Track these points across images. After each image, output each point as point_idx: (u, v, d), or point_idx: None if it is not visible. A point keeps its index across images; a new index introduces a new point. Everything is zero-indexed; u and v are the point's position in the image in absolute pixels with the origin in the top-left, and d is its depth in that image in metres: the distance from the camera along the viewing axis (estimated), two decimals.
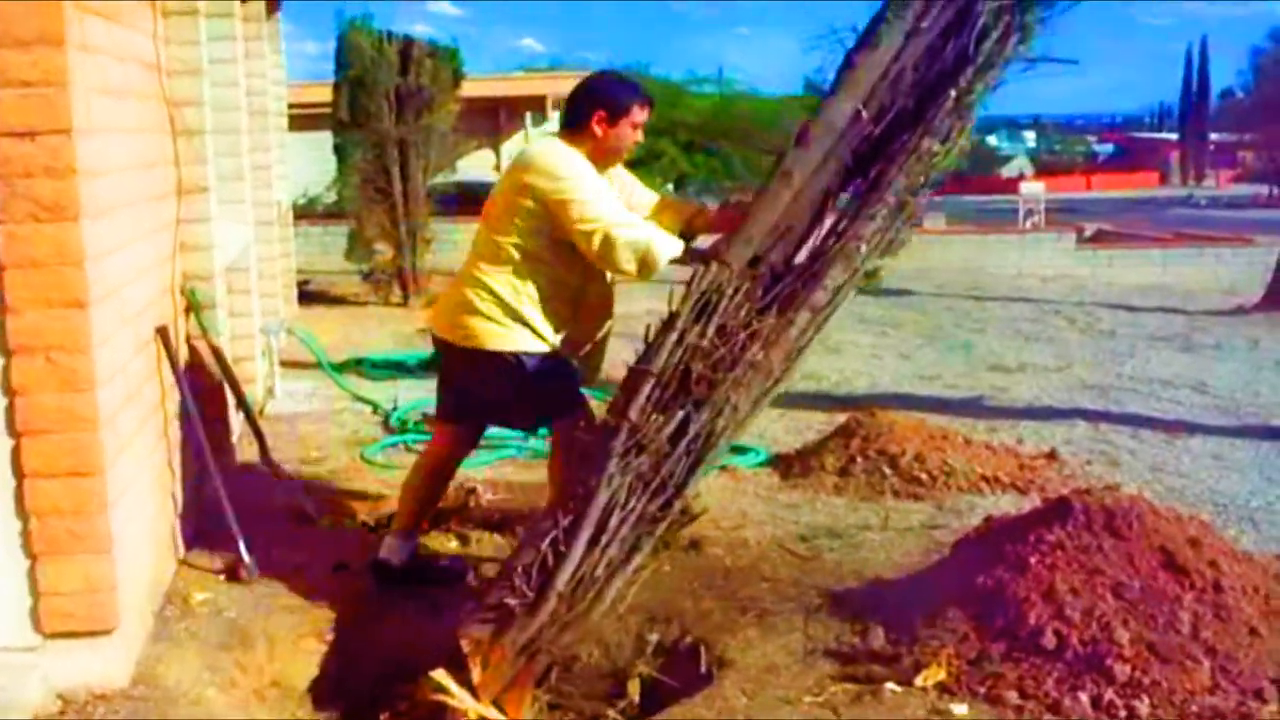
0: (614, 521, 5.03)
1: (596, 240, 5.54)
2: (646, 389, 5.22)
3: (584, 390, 6.15)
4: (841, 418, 8.72)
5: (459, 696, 5.04)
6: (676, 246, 5.72)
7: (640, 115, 5.86)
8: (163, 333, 6.00)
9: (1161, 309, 16.32)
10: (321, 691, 5.52)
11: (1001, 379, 11.12)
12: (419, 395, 9.82)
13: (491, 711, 5.06)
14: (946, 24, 5.47)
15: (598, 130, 5.79)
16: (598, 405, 6.01)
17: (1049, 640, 5.01)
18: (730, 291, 5.29)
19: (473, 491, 7.40)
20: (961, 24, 5.45)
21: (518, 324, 5.79)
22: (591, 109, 5.80)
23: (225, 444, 7.20)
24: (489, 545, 6.86)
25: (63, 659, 4.78)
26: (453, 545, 6.88)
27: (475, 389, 6.08)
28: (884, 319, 14.72)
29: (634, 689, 5.16)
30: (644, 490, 5.10)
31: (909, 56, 5.48)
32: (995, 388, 10.70)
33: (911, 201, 5.36)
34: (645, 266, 5.63)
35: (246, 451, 7.68)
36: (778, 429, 9.15)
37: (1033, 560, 5.31)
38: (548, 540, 5.06)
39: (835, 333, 13.34)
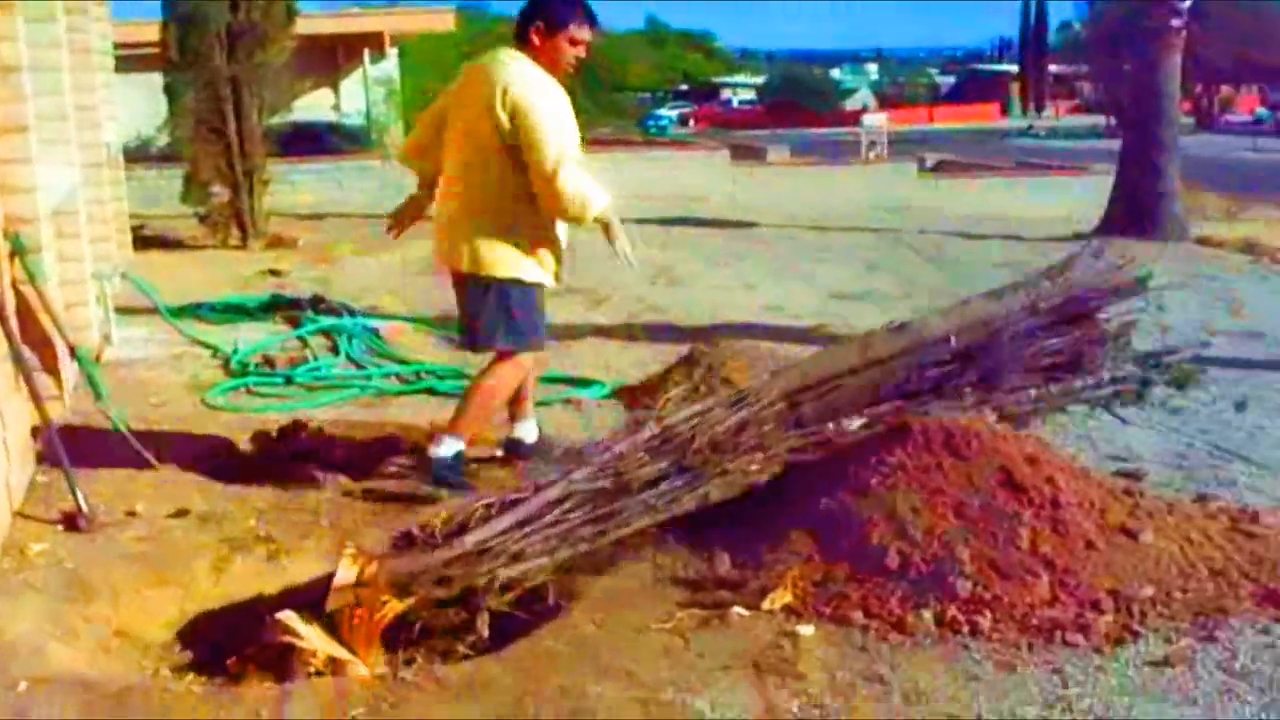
0: (548, 518, 5.21)
1: (550, 171, 6.06)
2: (649, 432, 5.51)
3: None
4: (686, 348, 8.76)
5: (307, 637, 5.00)
6: (604, 200, 6.17)
7: (580, 32, 6.19)
8: None
9: (1002, 236, 16.58)
10: (169, 640, 5.45)
11: (846, 307, 11.23)
12: (260, 338, 9.69)
13: (340, 650, 5.02)
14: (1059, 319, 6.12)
15: (535, 40, 6.14)
16: None
17: (892, 560, 5.08)
18: (767, 402, 5.67)
19: (318, 432, 7.29)
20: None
21: (526, 254, 6.38)
22: (530, 20, 6.17)
23: (59, 392, 7.03)
24: (330, 486, 6.78)
25: None
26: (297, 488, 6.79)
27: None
28: (729, 251, 14.77)
29: (482, 623, 5.13)
30: (591, 509, 5.30)
31: (1015, 325, 6.01)
32: (839, 316, 10.80)
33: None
34: (578, 215, 6.19)
35: (82, 400, 7.51)
36: (623, 362, 9.17)
37: (874, 482, 5.37)
38: (484, 501, 5.29)
39: (681, 265, 13.41)
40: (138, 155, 19.26)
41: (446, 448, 6.44)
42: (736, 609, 5.00)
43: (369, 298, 11.53)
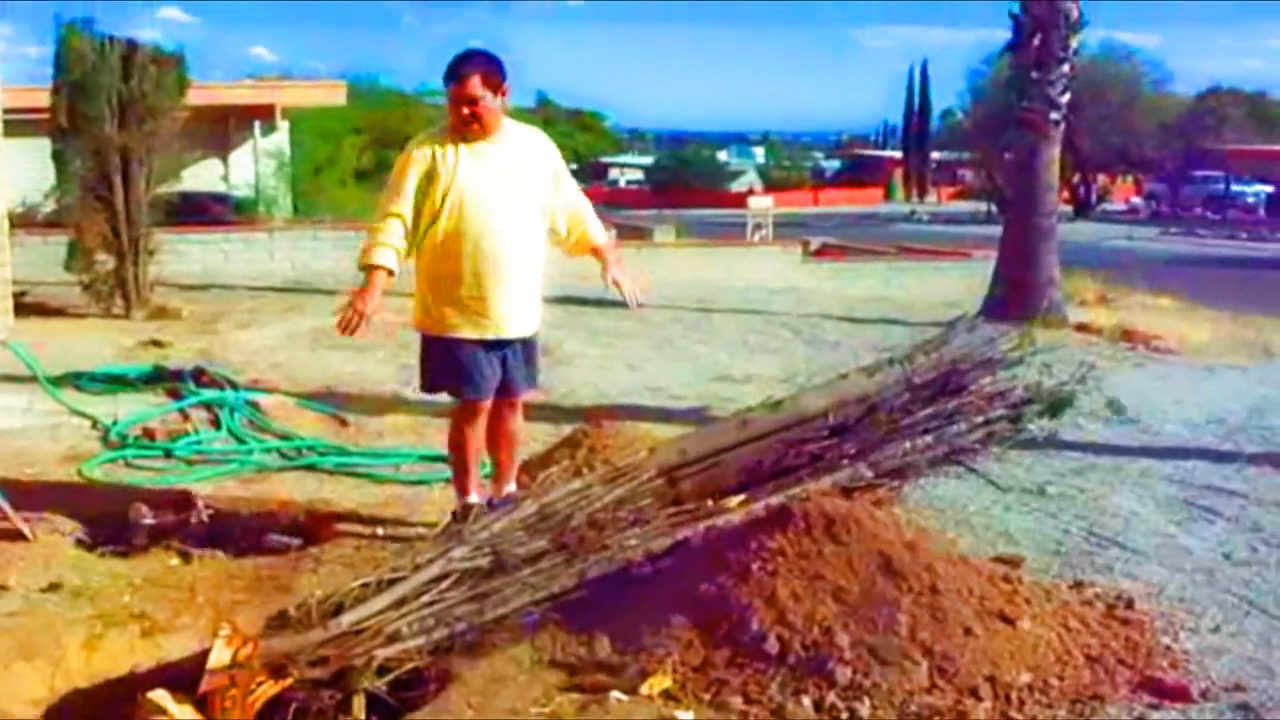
0: (426, 598, 5.22)
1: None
2: (527, 510, 5.60)
3: None
4: (568, 429, 8.76)
5: (179, 717, 4.94)
6: (369, 258, 6.44)
7: (452, 92, 6.32)
8: None
9: (884, 320, 16.79)
10: (37, 717, 5.35)
11: (728, 389, 11.28)
12: (140, 409, 9.57)
13: None
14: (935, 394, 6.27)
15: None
16: None
17: (772, 645, 5.10)
18: (645, 479, 5.78)
19: (194, 507, 7.22)
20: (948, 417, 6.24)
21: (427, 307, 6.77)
22: None
23: None
24: (209, 563, 6.71)
25: None
26: (173, 562, 6.71)
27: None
28: (612, 330, 14.81)
29: (359, 706, 5.09)
30: (470, 588, 5.32)
31: (891, 399, 6.16)
32: (721, 398, 10.84)
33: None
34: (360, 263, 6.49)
35: None
36: None
37: (754, 567, 5.40)
38: (361, 581, 5.32)
39: (564, 344, 13.43)
40: (23, 220, 19.00)
41: None
42: (615, 693, 5.00)
43: (251, 371, 11.45)
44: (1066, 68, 17.83)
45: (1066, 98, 17.92)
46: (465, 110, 6.28)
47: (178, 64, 16.42)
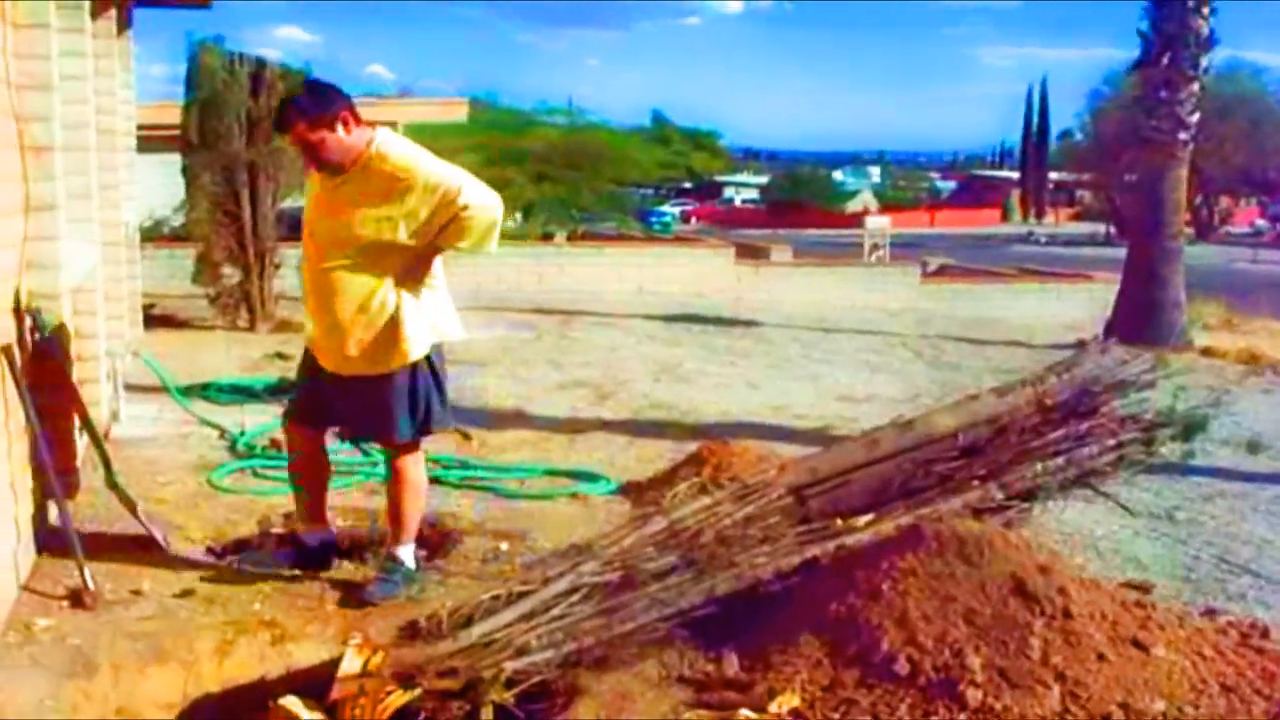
0: (555, 611, 5.26)
1: None
2: (656, 526, 5.61)
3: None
4: (691, 446, 8.77)
5: None
6: None
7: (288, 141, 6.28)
8: (7, 352, 5.86)
9: (1005, 342, 16.64)
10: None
11: (849, 409, 11.25)
12: (266, 420, 9.68)
13: None
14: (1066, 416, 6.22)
15: None
16: None
17: (902, 666, 5.05)
18: (774, 496, 5.78)
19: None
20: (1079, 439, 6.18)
21: None
22: None
23: (69, 467, 7.03)
24: (337, 574, 6.78)
25: None
26: (298, 572, 6.78)
27: None
28: (732, 349, 14.82)
29: (487, 718, 5.12)
30: (599, 603, 5.35)
31: (1021, 420, 6.12)
32: (843, 418, 10.80)
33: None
34: None
35: (91, 476, 7.51)
36: (627, 458, 9.17)
37: (885, 587, 5.36)
38: (491, 594, 5.38)
39: (685, 362, 13.44)
40: (151, 234, 19.33)
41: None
42: (744, 711, 4.97)
43: None
44: (1196, 86, 17.59)
45: (1195, 117, 17.68)
46: (307, 156, 6.09)
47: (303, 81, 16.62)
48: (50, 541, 6.49)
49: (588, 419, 10.49)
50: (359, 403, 6.27)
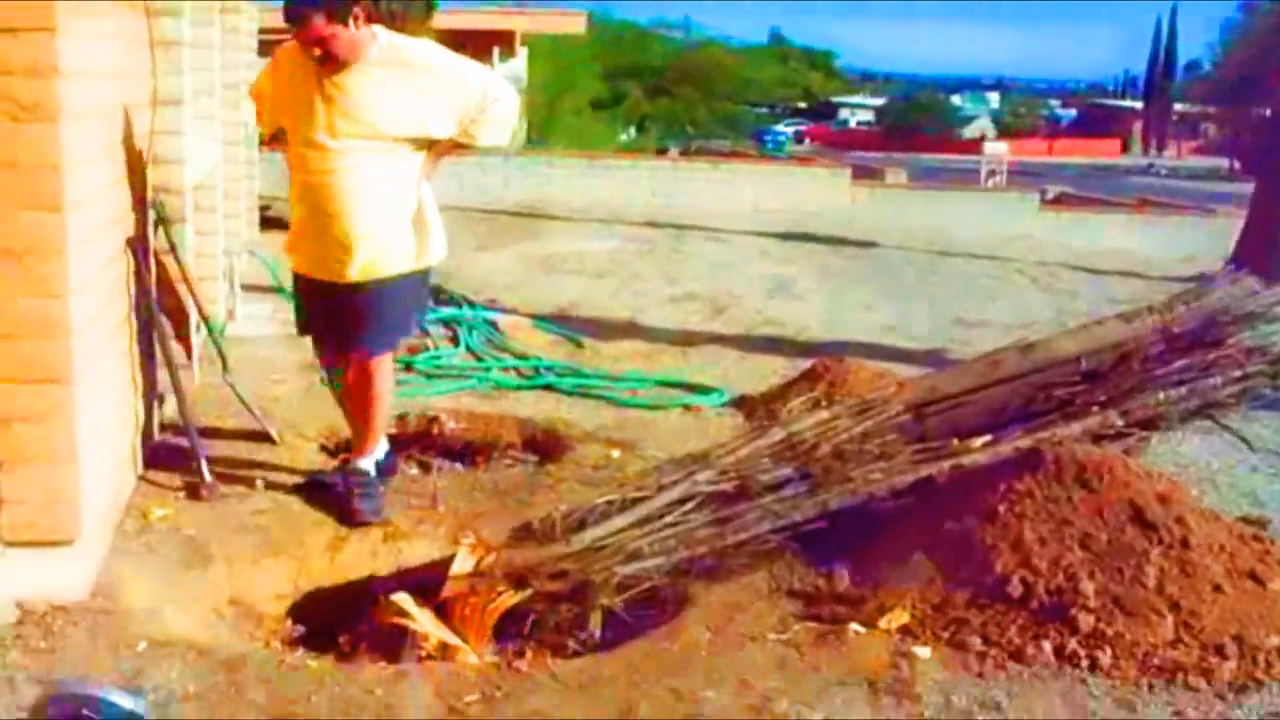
0: (668, 519, 5.24)
1: None
2: (773, 438, 5.55)
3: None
4: (803, 364, 8.71)
5: (420, 621, 5.03)
6: None
7: (298, 36, 5.77)
8: (133, 245, 5.91)
9: (1122, 273, 16.37)
10: (280, 612, 5.50)
11: (964, 333, 11.12)
12: None
13: (452, 637, 5.05)
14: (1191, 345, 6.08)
15: None
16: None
17: (1014, 589, 5.01)
18: (892, 413, 5.71)
19: (435, 420, 7.34)
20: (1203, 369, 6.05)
21: None
22: None
23: (188, 362, 7.11)
24: (448, 474, 6.83)
25: (22, 569, 4.73)
26: (414, 472, 6.84)
27: None
28: (846, 270, 14.69)
29: (595, 621, 5.13)
30: (713, 512, 5.32)
31: (1146, 348, 5.99)
32: (957, 341, 10.69)
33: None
34: None
35: (207, 371, 7.59)
36: (739, 372, 9.13)
37: (1001, 509, 5.30)
38: (605, 498, 5.36)
39: (799, 281, 13.36)
40: (269, 139, 19.40)
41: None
42: (853, 626, 4.96)
43: (487, 292, 11.58)
44: None
45: None
46: (316, 51, 5.71)
47: None
48: (168, 434, 6.58)
49: (700, 333, 10.45)
50: (367, 308, 5.96)
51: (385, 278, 5.88)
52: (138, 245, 5.98)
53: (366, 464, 6.22)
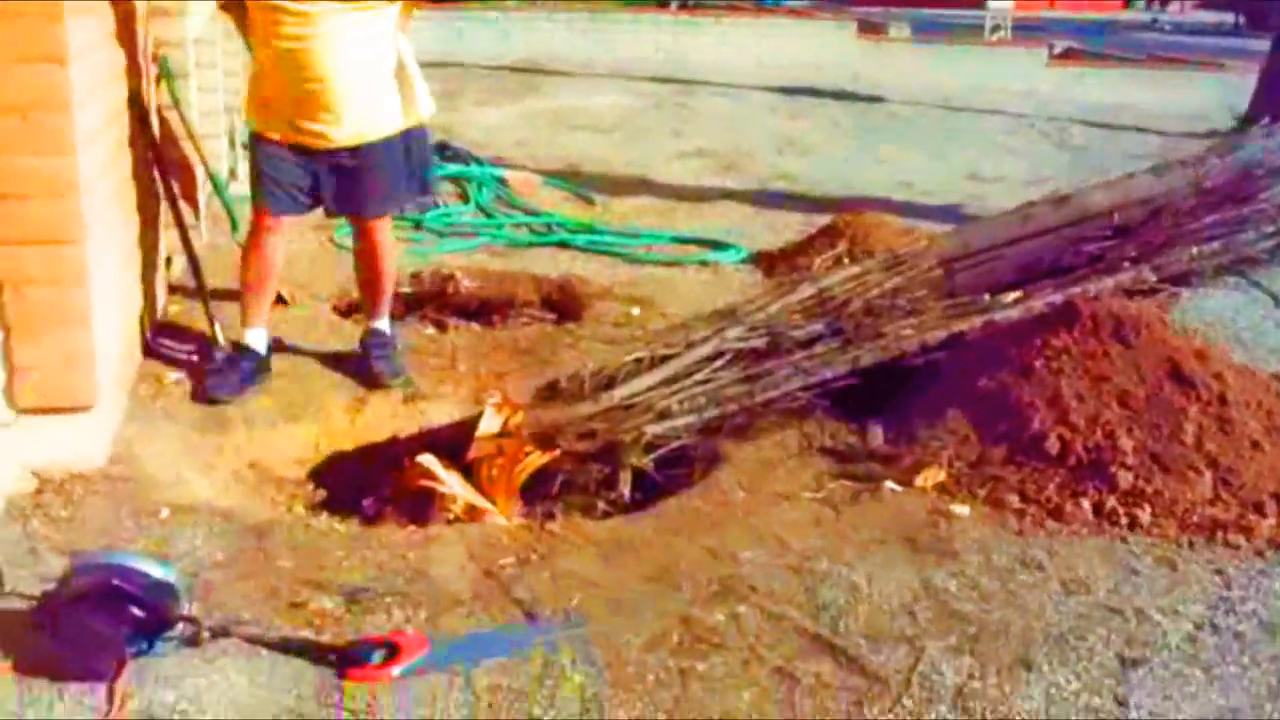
0: (698, 376, 5.17)
1: None
2: (804, 293, 5.47)
3: None
4: (819, 219, 8.55)
5: (447, 483, 4.95)
6: None
7: None
8: (136, 100, 5.72)
9: (1134, 128, 16.13)
10: (302, 476, 5.41)
11: (979, 188, 10.93)
12: None
13: (480, 499, 4.97)
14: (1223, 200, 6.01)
15: None
16: None
17: (1052, 445, 4.92)
18: (924, 268, 5.61)
19: (450, 278, 7.20)
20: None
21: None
22: None
23: (195, 221, 6.95)
24: (466, 333, 6.71)
25: (38, 436, 4.63)
26: (429, 332, 6.72)
27: None
28: (856, 124, 14.46)
29: (625, 481, 5.06)
30: (743, 369, 5.23)
31: (1178, 203, 5.93)
32: (972, 196, 10.50)
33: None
34: None
35: (213, 231, 7.45)
36: (755, 227, 8.96)
37: (1037, 364, 5.19)
38: (633, 355, 5.26)
39: (809, 135, 13.15)
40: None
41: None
42: (889, 484, 4.89)
43: (493, 148, 11.35)
44: None
45: None
46: None
47: None
48: (178, 295, 6.46)
49: (712, 188, 10.26)
50: (361, 173, 5.73)
51: (376, 140, 5.67)
52: (140, 100, 5.78)
53: (382, 325, 6.10)
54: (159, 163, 6.04)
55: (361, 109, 5.57)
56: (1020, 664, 3.82)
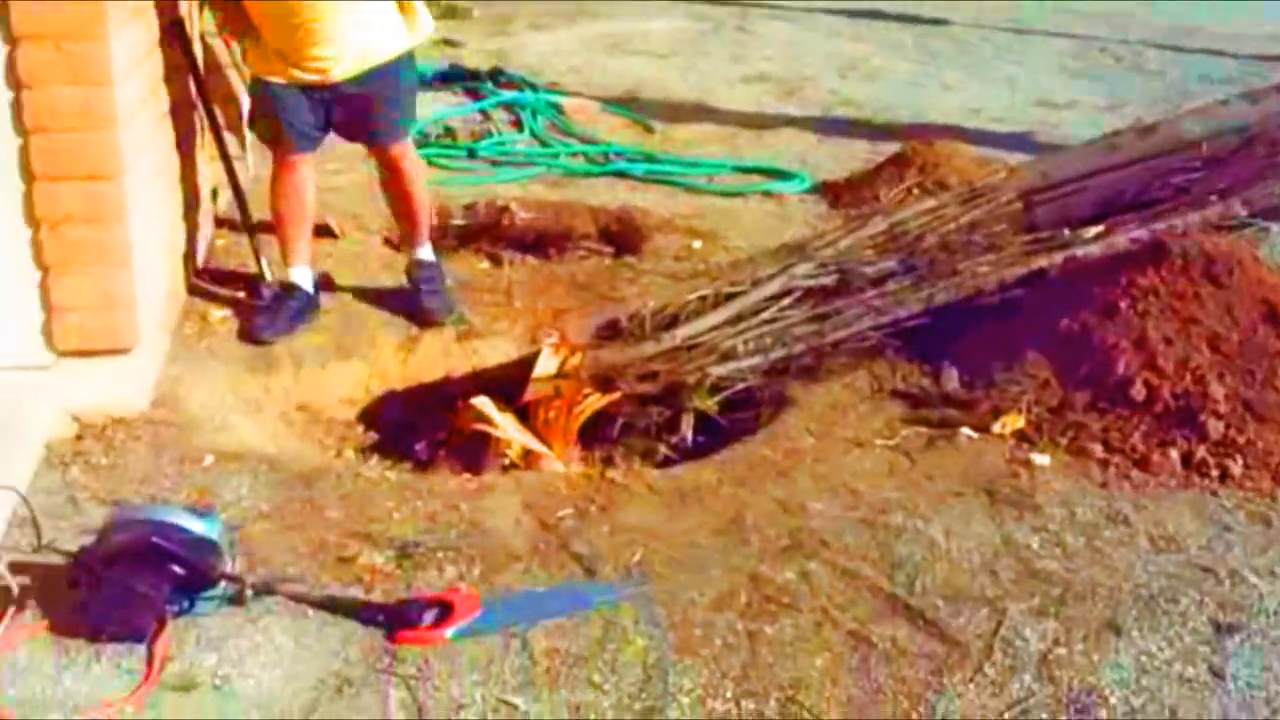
0: (765, 315, 4.99)
1: None
2: (876, 228, 5.26)
3: None
4: (886, 147, 8.26)
5: (502, 427, 4.77)
6: None
7: None
8: (177, 27, 5.49)
9: (1208, 51, 15.68)
10: (351, 418, 5.24)
11: (1051, 115, 10.59)
12: (439, 108, 9.33)
13: (536, 443, 4.79)
14: None
15: None
16: None
17: (1138, 391, 4.68)
18: (1003, 201, 5.38)
19: (505, 210, 6.97)
20: None
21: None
22: None
23: (241, 153, 6.74)
24: (521, 267, 6.49)
25: (78, 379, 4.48)
26: (484, 265, 6.51)
27: None
28: (921, 47, 14.07)
29: (687, 424, 4.87)
30: (812, 308, 5.05)
31: (1273, 131, 5.61)
32: (1045, 124, 10.17)
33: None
34: None
35: (259, 164, 7.24)
36: (819, 156, 8.67)
37: (1123, 305, 4.94)
38: (698, 294, 5.08)
39: (873, 59, 12.83)
40: None
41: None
42: (965, 430, 4.68)
43: (548, 74, 11.08)
44: None
45: None
46: None
47: None
48: (223, 230, 6.27)
49: (774, 115, 9.94)
50: (372, 100, 5.52)
51: (380, 64, 5.45)
52: (182, 28, 5.57)
53: (424, 254, 5.88)
54: (201, 93, 5.82)
55: (360, 41, 5.36)
56: (1109, 629, 3.62)
